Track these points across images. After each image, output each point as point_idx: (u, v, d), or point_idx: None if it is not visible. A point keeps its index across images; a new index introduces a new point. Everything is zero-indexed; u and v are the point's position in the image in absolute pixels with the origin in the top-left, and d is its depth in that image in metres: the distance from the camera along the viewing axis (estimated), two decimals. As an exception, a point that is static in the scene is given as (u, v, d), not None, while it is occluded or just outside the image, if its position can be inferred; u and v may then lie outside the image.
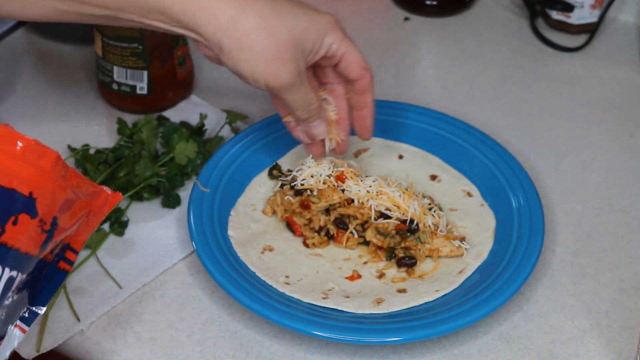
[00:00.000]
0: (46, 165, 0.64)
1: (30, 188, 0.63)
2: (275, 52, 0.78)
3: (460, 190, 0.95)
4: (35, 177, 0.63)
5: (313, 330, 0.79)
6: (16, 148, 0.63)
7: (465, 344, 0.82)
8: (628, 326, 0.83)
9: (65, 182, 0.66)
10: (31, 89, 1.09)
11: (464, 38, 1.20)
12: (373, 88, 0.87)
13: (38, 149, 0.63)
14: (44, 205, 0.64)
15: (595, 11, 1.17)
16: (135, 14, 0.78)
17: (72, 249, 0.70)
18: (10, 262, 0.63)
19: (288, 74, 0.79)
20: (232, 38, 0.78)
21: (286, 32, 0.79)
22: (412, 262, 0.87)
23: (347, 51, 0.83)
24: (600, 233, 0.93)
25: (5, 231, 0.62)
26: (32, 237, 0.64)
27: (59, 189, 0.65)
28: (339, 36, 0.83)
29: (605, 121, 1.07)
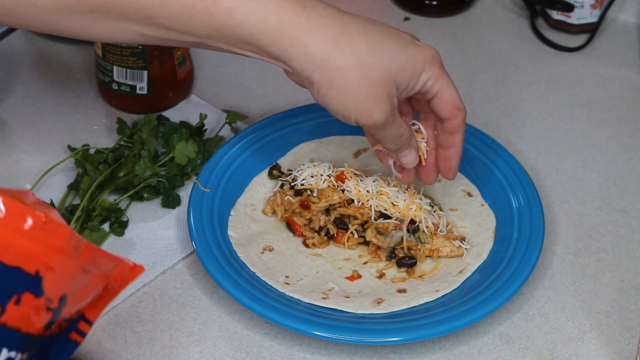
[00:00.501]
0: (56, 243, 0.61)
1: (37, 266, 0.60)
2: (368, 91, 0.75)
3: (460, 190, 0.95)
4: (43, 255, 0.60)
5: (313, 330, 0.79)
6: (24, 225, 0.59)
7: (465, 344, 0.82)
8: (628, 326, 0.83)
9: (78, 257, 0.63)
10: (31, 88, 1.09)
11: (464, 38, 1.20)
12: (464, 129, 0.83)
13: (49, 226, 0.60)
14: (51, 284, 0.61)
15: (595, 11, 1.17)
16: (224, 42, 0.75)
17: (87, 319, 0.67)
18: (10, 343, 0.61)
19: (381, 113, 0.76)
20: (324, 74, 0.74)
21: (381, 69, 0.75)
22: (412, 262, 0.87)
23: (441, 89, 0.79)
24: (601, 233, 0.93)
25: (6, 311, 0.59)
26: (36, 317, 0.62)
27: (69, 266, 0.62)
28: (435, 72, 0.78)
29: (606, 121, 1.07)
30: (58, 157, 0.98)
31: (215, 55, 1.13)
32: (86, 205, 0.90)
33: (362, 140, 0.99)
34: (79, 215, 0.89)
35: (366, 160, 0.97)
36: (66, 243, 0.61)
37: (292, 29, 0.73)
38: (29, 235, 0.59)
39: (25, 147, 1.01)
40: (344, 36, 0.74)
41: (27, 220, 0.59)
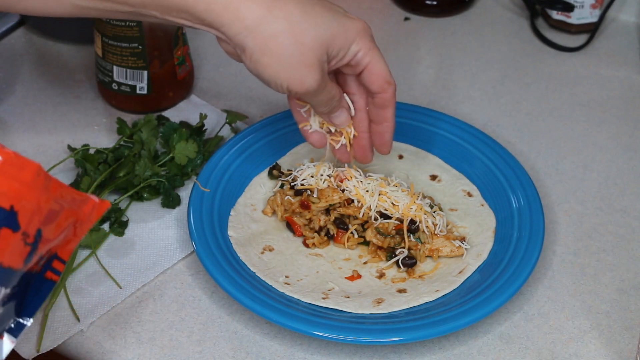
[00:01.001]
0: (27, 178, 0.62)
1: (11, 201, 0.61)
2: (300, 57, 0.75)
3: (460, 190, 0.95)
4: (15, 191, 0.62)
5: (313, 330, 0.79)
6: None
7: (465, 344, 0.82)
8: (628, 326, 0.83)
9: (48, 193, 0.64)
10: (31, 88, 1.09)
11: (464, 38, 1.20)
12: (394, 103, 0.83)
13: (18, 162, 0.62)
14: (26, 218, 0.62)
15: (595, 11, 1.17)
16: (158, 11, 0.76)
17: (60, 258, 0.69)
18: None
19: (313, 80, 0.77)
20: (256, 40, 0.74)
21: (313, 36, 0.75)
22: (412, 262, 0.87)
23: (371, 61, 0.80)
24: (601, 233, 0.93)
25: None
26: (15, 251, 0.63)
27: (41, 201, 0.64)
28: (366, 45, 0.79)
29: (606, 121, 1.07)
30: (58, 157, 0.98)
31: (215, 56, 1.13)
32: (86, 205, 0.90)
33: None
34: (79, 215, 0.89)
35: (366, 160, 0.97)
36: (36, 178, 0.62)
37: None
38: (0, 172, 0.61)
39: (25, 147, 1.01)
40: (277, 2, 0.75)
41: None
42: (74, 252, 0.87)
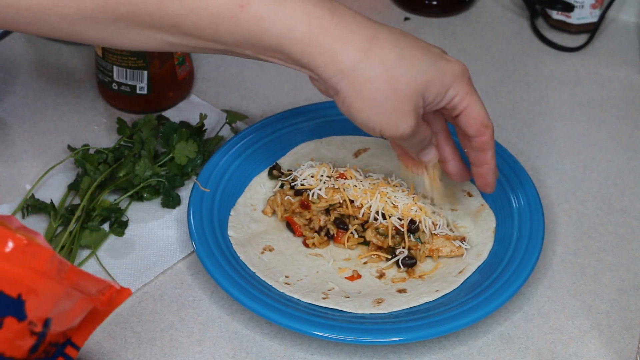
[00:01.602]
0: (39, 266, 0.60)
1: (19, 290, 0.60)
2: (395, 103, 0.73)
3: (460, 190, 0.94)
4: (25, 279, 0.60)
5: (313, 330, 0.79)
6: (5, 249, 0.59)
7: (465, 344, 0.82)
8: (628, 326, 0.83)
9: (62, 280, 0.62)
10: (31, 88, 1.09)
11: (464, 38, 1.19)
12: (493, 145, 0.82)
13: (31, 249, 0.60)
14: (34, 307, 0.60)
15: (595, 11, 1.17)
16: (251, 50, 0.74)
17: (74, 344, 0.67)
18: None
19: (407, 126, 0.75)
20: (350, 84, 0.72)
21: (409, 82, 0.73)
22: (412, 262, 0.87)
23: (469, 105, 0.78)
24: (601, 233, 0.93)
25: None
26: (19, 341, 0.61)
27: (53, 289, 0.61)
28: (463, 89, 0.77)
29: (606, 121, 1.07)
30: (58, 157, 0.98)
31: (215, 56, 1.13)
32: (86, 205, 0.90)
33: (362, 140, 0.99)
34: (79, 215, 0.89)
35: (366, 160, 0.97)
36: (49, 265, 0.60)
37: (320, 36, 0.72)
38: (10, 259, 0.59)
39: (25, 147, 1.01)
40: (374, 46, 0.73)
41: (8, 244, 0.59)
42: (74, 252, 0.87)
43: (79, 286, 0.64)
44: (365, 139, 0.99)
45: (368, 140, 0.98)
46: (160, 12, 0.71)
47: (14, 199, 0.94)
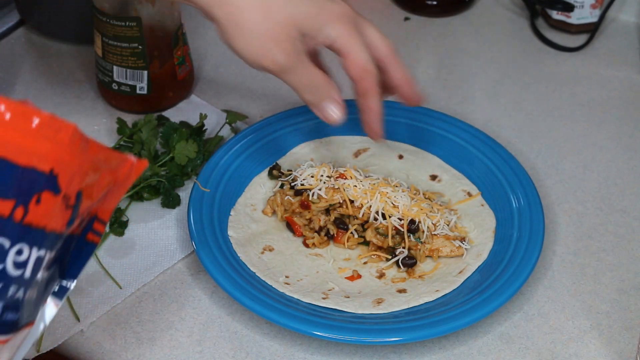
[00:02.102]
0: (64, 140, 0.61)
1: (51, 164, 0.61)
2: (268, 30, 0.74)
3: (460, 190, 0.95)
4: (54, 153, 0.61)
5: (313, 330, 0.79)
6: (32, 125, 0.60)
7: (465, 344, 0.82)
8: (628, 326, 0.83)
9: (86, 154, 0.64)
10: (31, 88, 1.09)
11: (464, 38, 1.20)
12: (377, 92, 0.81)
13: (55, 124, 0.61)
14: (66, 181, 0.62)
15: (595, 11, 1.17)
16: None
17: (100, 219, 0.68)
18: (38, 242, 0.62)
19: (282, 54, 0.75)
20: (225, 12, 0.74)
21: (284, 13, 0.74)
22: (412, 262, 0.87)
23: (350, 49, 0.77)
24: (601, 233, 0.93)
25: (29, 211, 0.60)
26: (58, 215, 0.62)
27: (80, 163, 0.63)
28: (344, 30, 0.77)
29: (606, 121, 1.07)
30: (58, 157, 0.98)
31: (215, 56, 1.13)
32: (86, 205, 0.90)
33: (362, 140, 0.99)
34: (79, 215, 0.89)
35: (366, 160, 0.97)
36: (73, 139, 0.62)
37: None
38: (38, 134, 0.60)
39: (25, 147, 1.00)
40: None
41: (34, 120, 0.60)
42: None
43: (101, 160, 0.65)
44: (365, 139, 0.99)
45: (368, 140, 0.98)
46: None
47: (14, 199, 0.94)
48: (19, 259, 0.60)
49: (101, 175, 0.66)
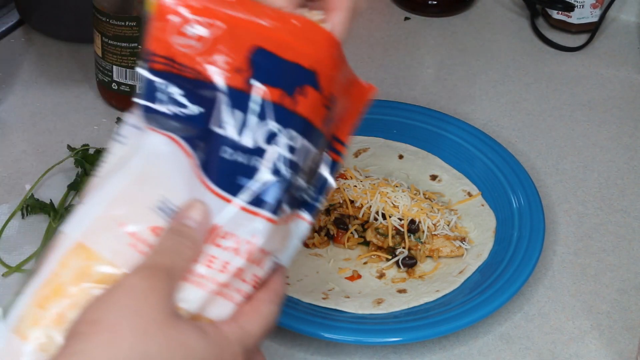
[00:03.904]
0: (324, 44, 0.63)
1: (311, 63, 0.63)
2: None
3: (460, 190, 0.94)
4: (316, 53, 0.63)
5: (313, 331, 0.78)
6: (295, 25, 0.63)
7: (465, 344, 0.82)
8: (629, 326, 0.83)
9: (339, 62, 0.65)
10: (30, 88, 1.08)
11: (464, 38, 1.19)
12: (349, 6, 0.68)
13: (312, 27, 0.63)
14: (324, 81, 0.63)
15: (595, 11, 1.17)
16: None
17: (339, 140, 0.69)
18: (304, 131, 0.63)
19: None
20: None
21: None
22: (412, 262, 0.87)
23: None
24: (601, 233, 0.93)
25: (298, 102, 0.62)
26: (318, 110, 0.64)
27: (333, 68, 0.64)
28: None
29: (606, 121, 1.07)
30: (58, 157, 0.98)
31: (215, 55, 1.13)
32: (86, 205, 0.90)
33: (362, 140, 0.99)
34: (78, 215, 0.89)
35: (366, 160, 0.97)
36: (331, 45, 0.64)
37: None
38: (300, 35, 0.63)
39: (25, 147, 1.00)
40: None
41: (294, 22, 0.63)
42: None
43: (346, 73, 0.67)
44: (366, 139, 0.99)
45: (368, 140, 0.98)
46: None
47: (14, 198, 0.94)
48: (292, 143, 0.62)
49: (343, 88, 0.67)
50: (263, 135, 0.61)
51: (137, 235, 0.59)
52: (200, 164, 0.61)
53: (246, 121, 0.61)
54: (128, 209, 0.60)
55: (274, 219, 0.60)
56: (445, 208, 0.91)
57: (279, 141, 0.61)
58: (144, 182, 0.61)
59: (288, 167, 0.61)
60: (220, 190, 0.60)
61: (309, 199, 0.66)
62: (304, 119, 0.62)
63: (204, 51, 0.62)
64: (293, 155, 0.62)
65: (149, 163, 0.61)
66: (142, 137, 0.62)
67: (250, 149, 0.61)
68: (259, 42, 0.62)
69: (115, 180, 0.61)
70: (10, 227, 0.90)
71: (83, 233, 0.59)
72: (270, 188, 0.61)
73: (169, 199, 0.60)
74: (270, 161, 0.61)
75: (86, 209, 0.60)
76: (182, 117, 0.61)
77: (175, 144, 0.62)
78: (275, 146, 0.61)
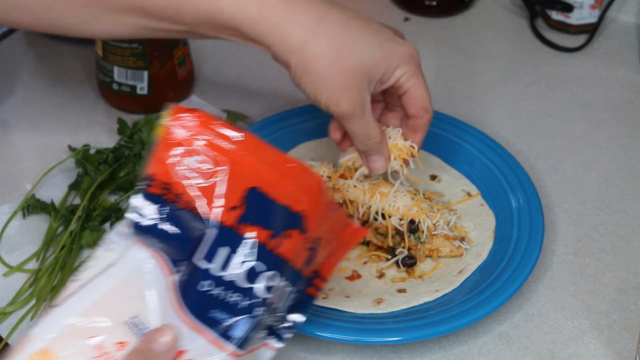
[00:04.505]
0: (312, 187, 0.67)
1: (302, 206, 0.66)
2: (339, 80, 0.77)
3: (460, 190, 0.95)
4: (304, 197, 0.66)
5: (313, 330, 0.79)
6: (288, 169, 0.66)
7: (465, 344, 0.82)
8: (628, 326, 0.83)
9: (326, 206, 0.68)
10: (31, 89, 1.09)
11: (464, 38, 1.20)
12: (427, 130, 0.85)
13: (306, 174, 0.67)
14: (311, 224, 0.66)
15: (594, 11, 1.17)
16: (211, 30, 0.79)
17: (322, 276, 0.72)
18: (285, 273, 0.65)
19: (349, 103, 0.78)
20: (299, 61, 0.77)
21: (355, 61, 0.77)
22: (412, 262, 0.87)
23: (413, 87, 0.82)
24: (600, 233, 0.93)
25: (282, 243, 0.65)
26: (300, 252, 0.66)
27: (321, 212, 0.67)
28: (410, 70, 0.81)
29: (605, 121, 1.07)
30: (58, 157, 0.99)
31: (215, 56, 1.13)
32: (87, 205, 0.90)
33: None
34: (79, 215, 0.89)
35: (366, 160, 0.98)
36: (320, 189, 0.67)
37: (271, 17, 0.76)
38: (292, 177, 0.66)
39: (26, 147, 1.01)
40: (322, 25, 0.77)
41: (289, 165, 0.66)
42: (75, 252, 0.87)
43: (334, 217, 0.70)
44: (365, 139, 0.99)
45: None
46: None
47: (15, 199, 0.94)
48: (270, 284, 0.64)
49: (332, 230, 0.70)
50: (244, 273, 0.64)
51: (102, 347, 0.61)
52: (179, 286, 0.63)
53: (230, 258, 0.64)
54: (100, 319, 0.62)
55: (238, 353, 0.63)
56: (445, 208, 0.91)
57: (259, 280, 0.64)
58: (120, 295, 0.63)
59: (262, 305, 0.64)
60: (194, 319, 0.63)
61: (280, 329, 0.69)
62: (285, 261, 0.65)
63: (202, 184, 0.64)
64: (269, 293, 0.64)
65: (130, 277, 0.64)
66: (128, 248, 0.65)
67: (230, 285, 0.63)
68: (255, 183, 0.65)
69: (93, 289, 0.63)
70: (11, 226, 0.91)
71: (51, 339, 0.61)
72: (242, 324, 0.63)
73: (141, 318, 0.63)
74: (247, 299, 0.64)
75: (59, 314, 0.62)
76: (170, 242, 0.64)
77: (159, 261, 0.64)
78: (254, 285, 0.64)
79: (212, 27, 0.78)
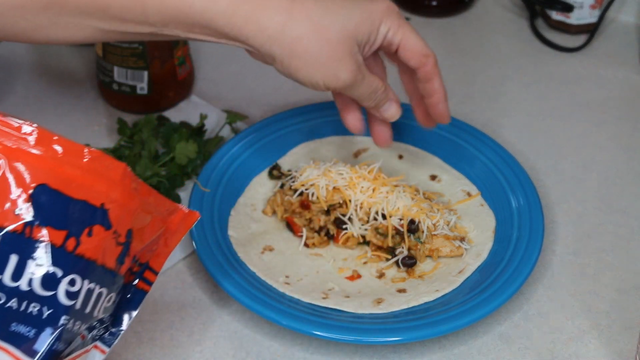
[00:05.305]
0: (115, 177, 0.62)
1: (102, 199, 0.61)
2: (329, 53, 0.75)
3: (459, 190, 0.95)
4: (105, 188, 0.62)
5: (313, 330, 0.79)
6: (83, 160, 0.61)
7: (465, 344, 0.82)
8: (628, 326, 0.83)
9: (137, 194, 0.64)
10: (31, 88, 1.09)
11: (464, 38, 1.20)
12: (438, 73, 0.83)
13: (106, 161, 0.62)
14: (116, 217, 0.62)
15: (594, 11, 1.17)
16: (180, 29, 0.75)
17: (152, 269, 0.69)
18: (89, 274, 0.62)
19: (347, 73, 0.76)
20: (283, 47, 0.74)
21: (338, 30, 0.75)
22: (412, 262, 0.87)
23: (403, 38, 0.79)
24: (600, 233, 0.93)
25: (81, 242, 0.61)
26: (108, 250, 0.63)
27: (130, 202, 0.63)
28: (394, 23, 0.78)
29: (605, 121, 1.07)
30: (58, 157, 0.99)
31: (215, 56, 1.13)
32: (86, 205, 0.90)
33: (362, 140, 0.99)
34: (79, 215, 0.89)
35: (366, 160, 0.97)
36: (122, 177, 0.63)
37: (243, 6, 0.73)
38: (89, 169, 0.61)
39: (26, 147, 1.01)
40: (296, 4, 0.74)
41: (85, 155, 0.61)
42: None
43: (151, 203, 0.66)
44: (365, 139, 0.99)
45: (368, 140, 0.98)
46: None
47: (15, 199, 0.94)
48: (71, 289, 0.60)
49: (153, 219, 0.66)
50: (39, 280, 0.59)
51: None
52: None
53: (23, 266, 0.59)
54: None
55: None
56: (445, 208, 0.91)
57: (58, 287, 0.60)
58: None
59: (65, 313, 0.60)
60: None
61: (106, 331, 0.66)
62: (89, 261, 0.61)
63: None
64: (73, 299, 0.60)
65: None
66: None
67: (27, 295, 0.59)
68: (43, 179, 0.59)
69: None
70: (11, 227, 0.91)
71: None
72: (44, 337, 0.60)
73: None
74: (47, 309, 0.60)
75: None
76: None
77: None
78: (54, 292, 0.60)
79: (180, 26, 0.74)
